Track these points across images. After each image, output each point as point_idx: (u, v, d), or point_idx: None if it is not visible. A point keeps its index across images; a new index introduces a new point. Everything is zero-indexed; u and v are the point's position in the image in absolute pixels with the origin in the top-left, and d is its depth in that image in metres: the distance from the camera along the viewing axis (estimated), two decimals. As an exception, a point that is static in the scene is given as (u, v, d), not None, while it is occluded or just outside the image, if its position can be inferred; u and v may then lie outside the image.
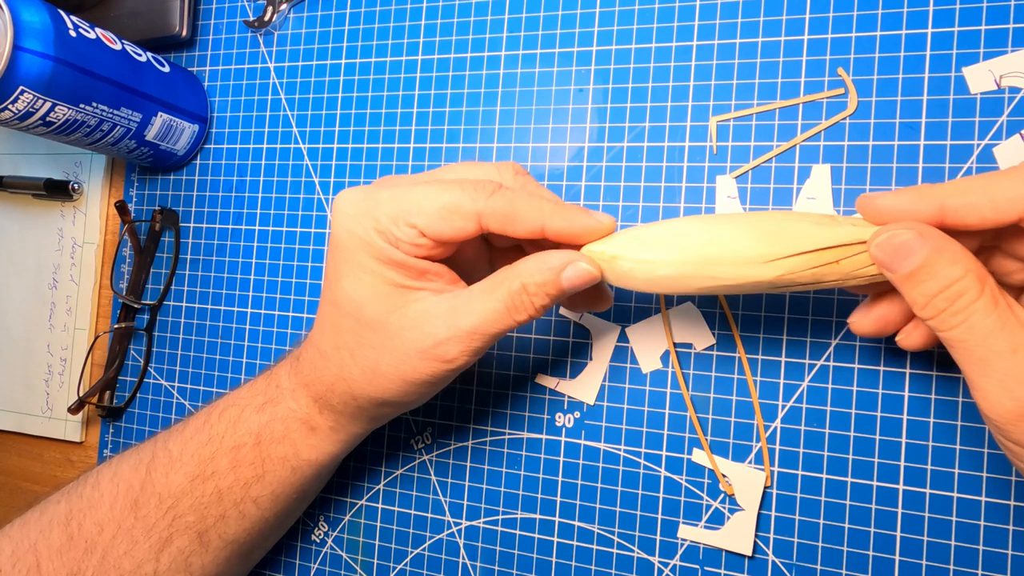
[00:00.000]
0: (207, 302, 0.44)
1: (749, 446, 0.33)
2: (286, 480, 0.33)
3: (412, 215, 0.27)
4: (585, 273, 0.27)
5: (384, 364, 0.28)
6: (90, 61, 0.36)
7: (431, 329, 0.27)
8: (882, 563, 0.31)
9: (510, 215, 0.26)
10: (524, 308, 0.27)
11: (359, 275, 0.28)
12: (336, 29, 0.42)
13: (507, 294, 0.27)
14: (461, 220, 0.27)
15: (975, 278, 0.20)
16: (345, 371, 0.30)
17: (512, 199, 0.27)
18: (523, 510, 0.36)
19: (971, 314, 0.20)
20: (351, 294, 0.28)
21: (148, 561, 0.32)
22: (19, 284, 0.49)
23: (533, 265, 0.27)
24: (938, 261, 0.21)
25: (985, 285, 0.21)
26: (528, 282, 0.27)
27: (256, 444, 0.32)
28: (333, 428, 0.32)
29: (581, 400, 0.36)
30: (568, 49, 0.37)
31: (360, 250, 0.28)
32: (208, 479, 0.32)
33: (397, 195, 0.27)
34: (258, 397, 0.33)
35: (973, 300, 0.20)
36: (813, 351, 0.32)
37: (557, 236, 0.27)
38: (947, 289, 0.21)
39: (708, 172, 0.34)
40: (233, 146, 0.44)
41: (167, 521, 0.32)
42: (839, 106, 0.33)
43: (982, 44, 0.31)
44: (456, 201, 0.27)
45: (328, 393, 0.31)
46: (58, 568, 0.31)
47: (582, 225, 0.27)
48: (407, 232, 0.27)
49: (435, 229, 0.27)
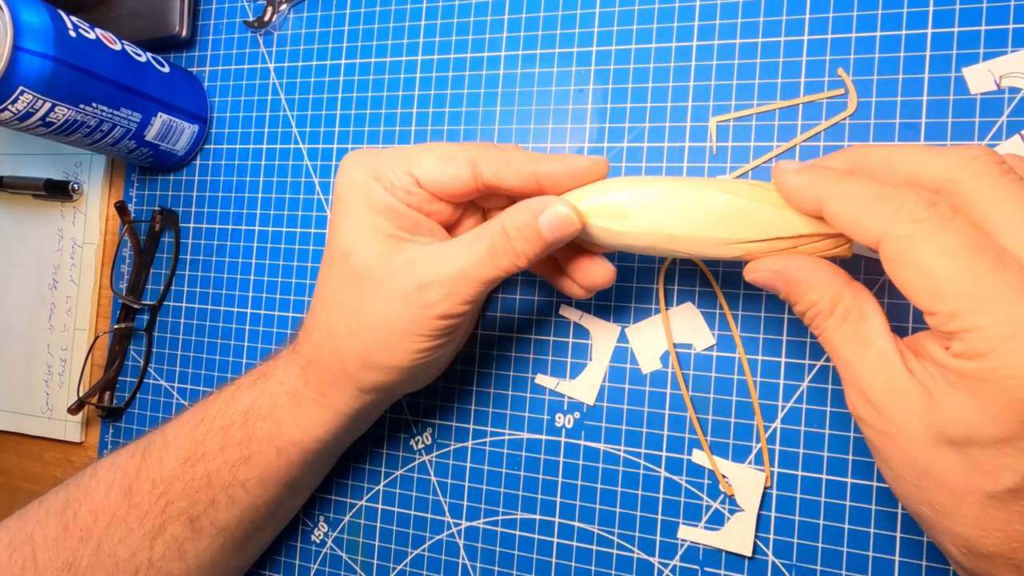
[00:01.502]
0: (207, 302, 0.44)
1: (749, 447, 0.33)
2: (272, 462, 0.32)
3: (410, 164, 0.29)
4: (562, 216, 0.27)
5: (368, 312, 0.29)
6: (90, 61, 0.36)
7: (416, 272, 0.28)
8: (882, 563, 0.31)
9: (503, 162, 0.28)
10: (505, 253, 0.27)
11: (353, 224, 0.29)
12: (336, 29, 0.42)
13: (490, 237, 0.28)
14: (455, 167, 0.28)
15: (828, 299, 0.24)
16: (332, 325, 0.30)
17: (505, 149, 0.28)
18: (523, 511, 0.36)
19: (823, 329, 0.24)
20: (342, 242, 0.29)
21: (142, 549, 0.32)
22: (19, 284, 0.49)
23: (514, 208, 0.28)
24: (795, 290, 0.25)
25: (836, 306, 0.24)
26: (508, 224, 0.27)
27: (244, 423, 0.32)
28: (317, 402, 0.31)
29: (581, 401, 0.36)
30: (568, 49, 0.37)
31: (357, 200, 0.29)
32: (198, 461, 0.32)
33: (399, 149, 0.30)
34: (254, 374, 0.33)
35: (824, 319, 0.24)
36: (813, 351, 0.32)
37: (552, 177, 0.28)
38: (808, 309, 0.25)
39: (708, 172, 0.34)
40: (233, 146, 0.44)
41: (160, 507, 0.32)
42: (839, 106, 0.33)
43: (982, 44, 0.31)
44: (452, 150, 0.28)
45: (315, 356, 0.30)
46: (53, 558, 0.31)
47: (572, 163, 0.28)
48: (403, 179, 0.29)
49: (429, 175, 0.28)
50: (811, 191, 0.24)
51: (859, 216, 0.22)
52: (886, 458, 0.23)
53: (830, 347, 0.24)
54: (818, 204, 0.24)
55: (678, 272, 0.35)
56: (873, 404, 0.23)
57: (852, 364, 0.23)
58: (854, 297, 0.24)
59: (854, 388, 0.23)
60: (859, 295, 0.24)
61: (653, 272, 0.35)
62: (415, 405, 0.39)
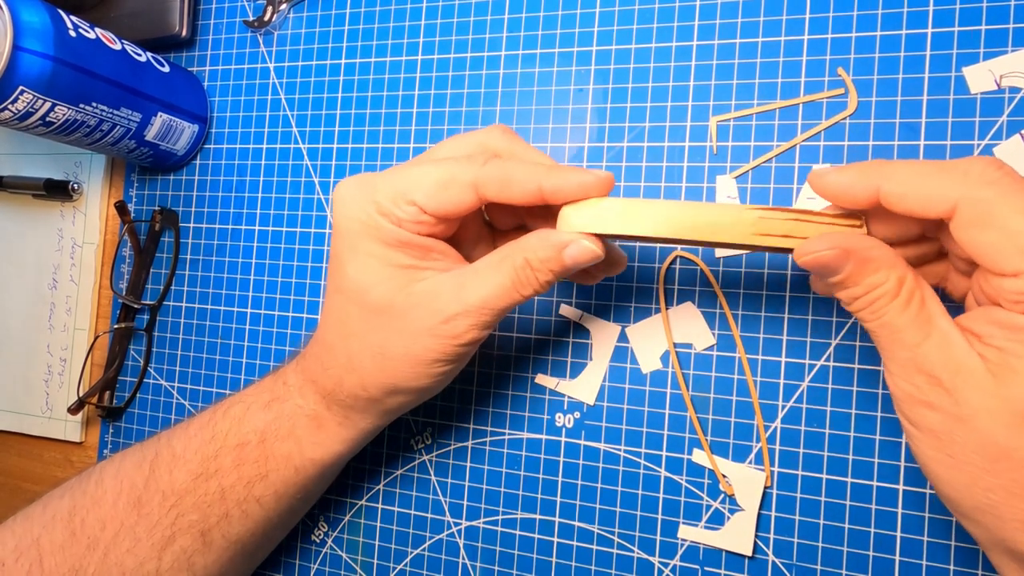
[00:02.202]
0: (207, 302, 0.44)
1: (749, 446, 0.33)
2: (289, 480, 0.33)
3: (411, 193, 0.27)
4: (587, 251, 0.27)
5: (393, 346, 0.28)
6: (90, 61, 0.36)
7: (439, 306, 0.28)
8: (882, 563, 0.31)
9: (505, 179, 0.27)
10: (529, 283, 0.27)
11: (364, 260, 0.28)
12: (336, 29, 0.42)
13: (512, 269, 0.27)
14: (458, 190, 0.27)
15: (894, 282, 0.23)
16: (354, 360, 0.30)
17: (506, 164, 0.27)
18: (523, 510, 0.36)
19: (885, 313, 0.23)
20: (356, 279, 0.29)
21: (150, 559, 0.32)
22: (19, 284, 0.49)
23: (537, 241, 0.27)
24: (861, 272, 0.23)
25: (902, 287, 0.23)
26: (532, 257, 0.27)
27: (260, 442, 0.32)
28: (341, 424, 0.32)
29: (581, 400, 0.36)
30: (568, 49, 0.37)
31: (363, 235, 0.28)
32: (211, 477, 0.32)
33: (394, 177, 0.28)
34: (264, 395, 0.33)
35: (888, 302, 0.23)
36: (813, 351, 0.32)
37: (556, 195, 0.27)
38: (871, 290, 0.23)
39: (708, 172, 0.34)
40: (233, 146, 0.44)
41: (170, 519, 0.32)
42: (839, 106, 0.33)
43: (982, 44, 0.31)
44: (451, 173, 0.27)
45: (336, 388, 0.31)
46: (60, 564, 0.31)
47: (578, 181, 0.27)
48: (408, 210, 0.27)
49: (434, 203, 0.27)
50: (862, 180, 0.23)
51: (926, 188, 0.22)
52: (948, 443, 0.22)
53: (891, 331, 0.23)
54: (872, 191, 0.23)
55: (678, 272, 0.35)
56: (945, 387, 0.22)
57: (919, 346, 0.22)
58: (915, 279, 0.23)
59: (920, 372, 0.22)
60: (918, 278, 0.23)
61: (653, 272, 0.35)
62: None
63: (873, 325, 0.23)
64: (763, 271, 0.33)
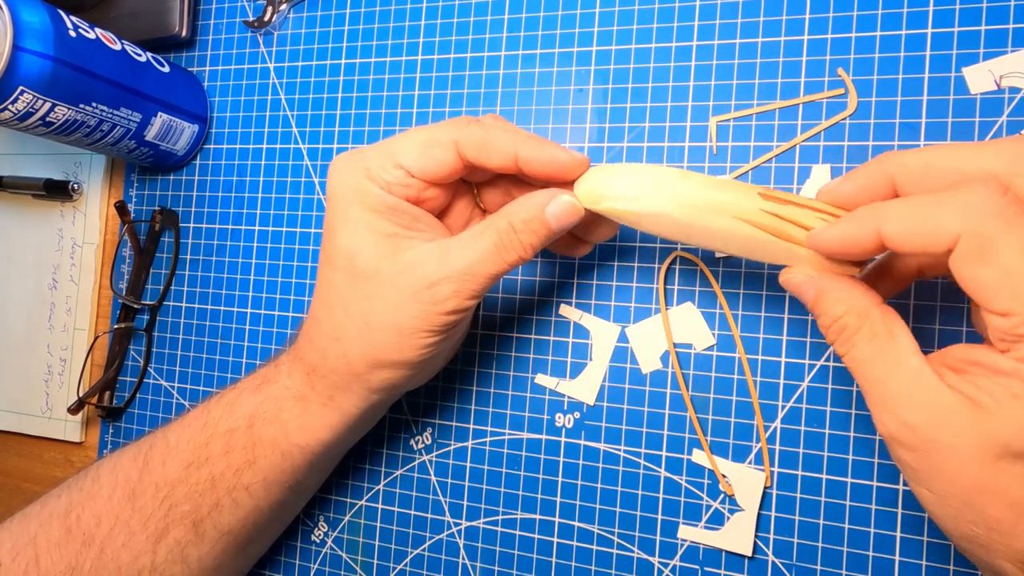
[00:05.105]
0: (207, 302, 0.44)
1: (749, 446, 0.33)
2: (277, 466, 0.32)
3: (397, 155, 0.29)
4: (568, 206, 0.28)
5: (377, 313, 0.29)
6: (90, 61, 0.36)
7: (424, 272, 0.28)
8: (882, 563, 0.31)
9: (485, 141, 0.28)
10: (513, 247, 0.28)
11: (352, 227, 0.29)
12: (336, 29, 0.42)
13: (496, 233, 0.28)
14: (441, 151, 0.29)
15: (856, 315, 0.23)
16: (339, 329, 0.30)
17: (486, 129, 0.29)
18: (523, 510, 0.36)
19: (852, 345, 0.23)
20: (344, 246, 0.29)
21: (145, 553, 0.32)
22: (19, 284, 0.49)
23: (519, 204, 0.28)
24: (823, 300, 0.24)
25: (865, 320, 0.23)
26: (515, 220, 0.28)
27: (248, 427, 0.32)
28: (324, 405, 0.31)
29: (581, 400, 0.36)
30: (568, 49, 0.37)
31: (353, 202, 0.29)
32: (202, 465, 0.32)
33: (383, 145, 0.30)
34: (257, 379, 0.33)
35: (853, 333, 0.23)
36: (813, 351, 0.32)
37: (529, 164, 0.28)
38: (834, 323, 0.24)
39: (708, 172, 0.34)
40: (233, 146, 0.44)
41: (163, 511, 0.32)
42: (839, 106, 0.33)
43: (982, 44, 0.31)
44: (434, 135, 0.29)
45: (320, 362, 0.30)
46: (56, 561, 0.31)
47: (551, 155, 0.28)
48: (395, 173, 0.29)
49: (420, 165, 0.29)
50: (860, 229, 0.23)
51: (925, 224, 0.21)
52: (927, 480, 0.22)
53: (858, 366, 0.23)
54: (874, 235, 0.22)
55: (678, 272, 0.35)
56: (910, 425, 0.21)
57: (884, 382, 0.22)
58: (882, 316, 0.23)
59: (886, 409, 0.22)
60: (888, 315, 0.23)
61: (653, 272, 0.35)
62: (415, 405, 0.39)
63: (845, 359, 0.24)
64: (763, 271, 0.33)
